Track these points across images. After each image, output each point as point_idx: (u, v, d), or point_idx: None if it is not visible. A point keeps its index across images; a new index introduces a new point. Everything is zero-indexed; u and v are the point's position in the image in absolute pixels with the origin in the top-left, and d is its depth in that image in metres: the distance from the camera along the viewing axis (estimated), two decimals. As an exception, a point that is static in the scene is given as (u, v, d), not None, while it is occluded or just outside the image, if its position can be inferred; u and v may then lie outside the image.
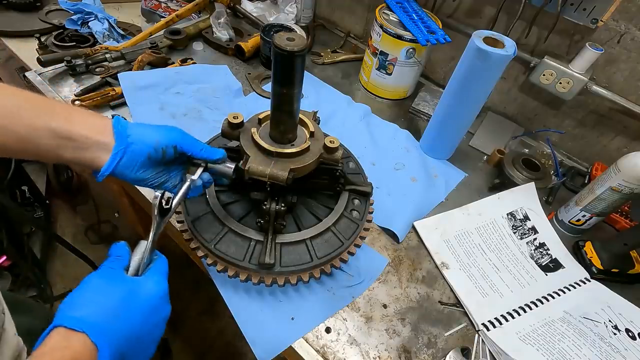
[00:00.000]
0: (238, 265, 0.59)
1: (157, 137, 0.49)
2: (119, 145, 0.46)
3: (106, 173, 0.46)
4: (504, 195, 0.84)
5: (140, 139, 0.48)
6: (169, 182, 0.53)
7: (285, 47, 0.46)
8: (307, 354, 0.59)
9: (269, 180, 0.55)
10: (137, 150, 0.48)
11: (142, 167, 0.49)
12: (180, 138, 0.51)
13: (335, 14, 1.35)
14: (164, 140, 0.49)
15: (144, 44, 1.04)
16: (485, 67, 0.73)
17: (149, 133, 0.49)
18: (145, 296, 0.41)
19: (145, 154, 0.48)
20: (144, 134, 0.48)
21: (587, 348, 0.64)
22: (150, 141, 0.48)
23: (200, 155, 0.53)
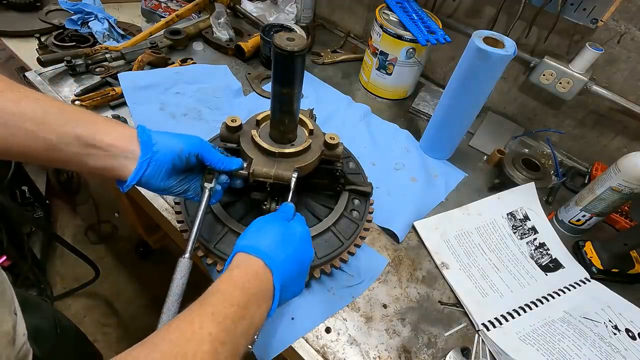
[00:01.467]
0: (238, 265, 0.59)
1: (180, 144, 0.50)
2: (145, 153, 0.47)
3: (133, 182, 0.47)
4: (504, 195, 0.84)
5: (165, 147, 0.49)
6: (190, 190, 0.55)
7: (285, 47, 0.46)
8: (307, 354, 0.59)
9: (274, 182, 0.56)
10: (162, 158, 0.49)
11: (166, 176, 0.51)
12: (201, 147, 0.52)
13: (335, 14, 1.35)
14: (187, 147, 0.51)
15: (144, 44, 1.04)
16: (485, 67, 0.73)
17: (172, 141, 0.50)
18: (299, 234, 0.49)
19: (170, 162, 0.50)
20: (168, 143, 0.50)
21: (587, 348, 0.64)
22: (174, 149, 0.50)
23: (219, 166, 0.54)
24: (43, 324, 0.74)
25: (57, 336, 0.75)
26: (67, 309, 1.52)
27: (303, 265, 0.49)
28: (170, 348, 0.32)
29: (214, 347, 0.34)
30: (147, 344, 0.32)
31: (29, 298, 0.79)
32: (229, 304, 0.38)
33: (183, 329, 0.34)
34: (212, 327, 0.35)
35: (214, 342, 0.34)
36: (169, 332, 0.34)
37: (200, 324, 0.35)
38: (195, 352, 0.32)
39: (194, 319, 0.35)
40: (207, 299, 0.38)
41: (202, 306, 0.37)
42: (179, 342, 0.33)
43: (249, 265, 0.43)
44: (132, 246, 1.73)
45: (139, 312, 1.57)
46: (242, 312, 0.38)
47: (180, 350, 0.32)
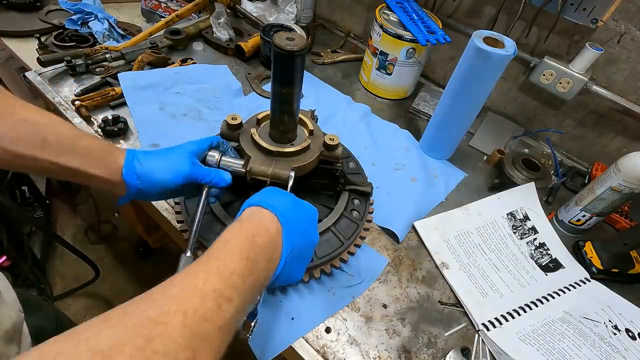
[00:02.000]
0: (238, 265, 0.59)
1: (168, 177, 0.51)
2: (130, 189, 0.50)
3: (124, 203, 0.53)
4: (504, 195, 0.84)
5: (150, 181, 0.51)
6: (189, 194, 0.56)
7: (285, 47, 0.46)
8: (307, 354, 0.59)
9: (270, 180, 0.56)
10: (149, 190, 0.51)
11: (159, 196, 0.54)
12: (189, 172, 0.52)
13: (335, 14, 1.35)
14: (174, 180, 0.51)
15: (144, 44, 1.04)
16: (485, 67, 0.73)
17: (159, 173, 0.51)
18: (307, 206, 0.50)
19: (156, 193, 0.52)
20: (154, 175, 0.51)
21: (587, 348, 0.64)
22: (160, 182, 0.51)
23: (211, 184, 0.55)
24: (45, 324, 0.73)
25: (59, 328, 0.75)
26: (67, 309, 1.52)
27: (308, 242, 0.48)
28: (169, 304, 0.30)
29: (218, 304, 0.32)
30: (146, 299, 0.30)
31: (30, 298, 0.79)
32: (238, 258, 0.36)
33: (185, 284, 0.32)
34: (217, 282, 0.33)
35: (218, 298, 0.32)
36: (171, 287, 0.32)
37: (204, 278, 0.33)
38: (196, 309, 0.30)
39: (199, 274, 0.33)
40: (214, 252, 0.36)
41: (208, 259, 0.35)
42: (180, 298, 0.31)
43: (260, 218, 0.42)
44: (132, 246, 1.73)
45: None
46: (251, 266, 0.36)
47: (180, 306, 0.30)
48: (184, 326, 0.29)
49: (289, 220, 0.43)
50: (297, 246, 0.44)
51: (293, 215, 0.45)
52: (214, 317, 0.31)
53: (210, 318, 0.31)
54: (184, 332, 0.29)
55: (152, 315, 0.29)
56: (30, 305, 0.65)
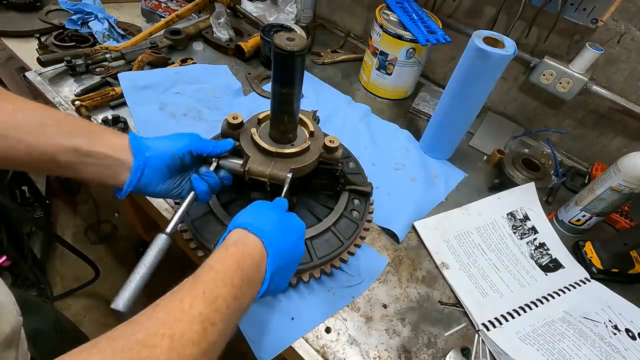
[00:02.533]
0: (238, 265, 0.59)
1: (173, 145, 0.51)
2: (138, 160, 0.47)
3: (129, 189, 0.48)
4: (504, 195, 0.84)
5: (158, 150, 0.49)
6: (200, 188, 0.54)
7: (285, 47, 0.46)
8: (307, 354, 0.59)
9: (269, 181, 0.56)
10: (156, 163, 0.49)
11: (162, 180, 0.51)
12: (193, 142, 0.52)
13: (335, 14, 1.35)
14: (179, 147, 0.51)
15: (144, 44, 1.04)
16: (485, 67, 0.73)
17: (164, 144, 0.50)
18: (294, 223, 0.49)
19: (165, 165, 0.50)
20: (160, 146, 0.50)
21: (587, 348, 0.64)
22: (167, 150, 0.50)
23: (215, 151, 0.54)
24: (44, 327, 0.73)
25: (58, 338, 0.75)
26: (67, 309, 1.52)
27: (293, 259, 0.48)
28: (156, 327, 0.30)
29: (204, 327, 0.32)
30: (132, 324, 0.31)
31: (29, 299, 0.78)
32: (223, 283, 0.36)
33: (172, 308, 0.33)
34: (202, 306, 0.33)
35: (203, 322, 0.32)
36: (156, 311, 0.32)
37: (190, 303, 0.33)
38: (183, 332, 0.31)
39: (184, 298, 0.34)
40: (200, 276, 0.37)
41: (194, 284, 0.36)
42: (167, 321, 0.31)
43: (246, 243, 0.42)
44: (132, 246, 1.73)
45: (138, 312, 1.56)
46: (236, 292, 0.37)
47: (167, 330, 0.30)
48: (171, 349, 0.30)
49: (273, 244, 0.43)
50: (282, 265, 0.45)
51: (279, 235, 0.44)
52: (200, 340, 0.32)
53: (196, 342, 0.31)
54: (171, 355, 0.29)
55: (139, 338, 0.29)
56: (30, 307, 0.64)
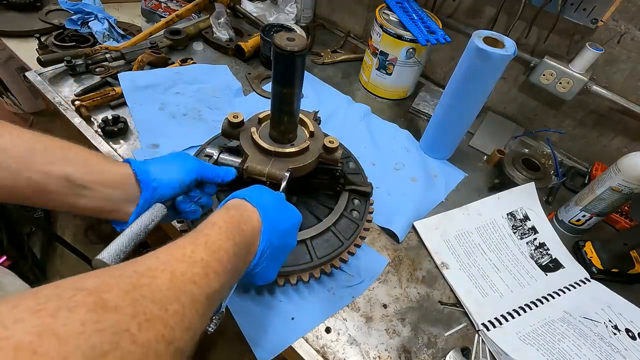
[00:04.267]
0: (238, 265, 0.59)
1: (181, 174, 0.49)
2: (146, 192, 0.45)
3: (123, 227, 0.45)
4: (504, 195, 0.84)
5: (165, 180, 0.47)
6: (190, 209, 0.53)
7: (286, 47, 0.46)
8: (307, 354, 0.59)
9: (267, 180, 0.56)
10: (164, 192, 0.47)
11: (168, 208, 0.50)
12: (201, 169, 0.51)
13: (335, 14, 1.35)
14: (188, 176, 0.50)
15: (144, 44, 1.04)
16: (485, 67, 0.73)
17: (171, 172, 0.48)
18: (292, 210, 0.49)
19: (173, 195, 0.49)
20: (166, 174, 0.48)
21: (587, 348, 0.64)
22: (175, 180, 0.48)
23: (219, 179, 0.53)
24: None
25: None
26: (67, 309, 1.52)
27: (285, 245, 0.47)
28: (157, 264, 0.29)
29: (206, 272, 0.31)
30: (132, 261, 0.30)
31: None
32: (225, 238, 0.36)
33: (173, 251, 0.32)
34: (205, 254, 0.32)
35: (205, 267, 0.31)
36: (157, 254, 0.31)
37: (192, 249, 0.32)
38: (184, 271, 0.30)
39: (186, 245, 0.33)
40: (202, 230, 0.36)
41: (196, 235, 0.35)
42: (168, 261, 0.30)
43: (244, 210, 0.42)
44: (132, 246, 1.73)
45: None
46: (236, 249, 0.36)
47: (168, 267, 0.29)
48: (171, 282, 0.28)
49: (269, 219, 0.43)
50: (274, 245, 0.44)
51: (275, 214, 0.45)
52: (202, 282, 0.30)
53: (198, 282, 0.30)
54: (172, 287, 0.28)
55: (139, 270, 0.28)
56: None
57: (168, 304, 0.27)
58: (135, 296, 0.25)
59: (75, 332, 0.21)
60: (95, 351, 0.21)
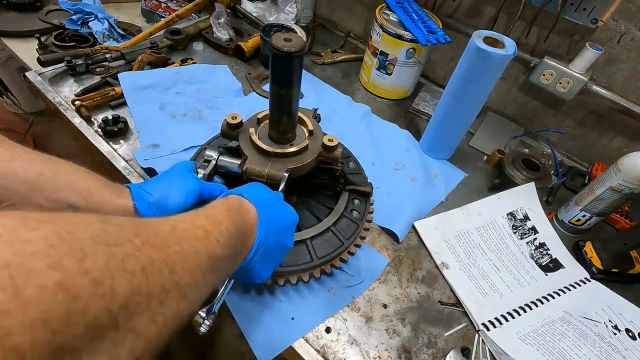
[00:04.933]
0: (238, 265, 0.59)
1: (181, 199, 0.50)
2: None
3: None
4: (504, 195, 0.84)
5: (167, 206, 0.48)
6: None
7: (283, 47, 0.45)
8: (307, 354, 0.59)
9: (266, 181, 0.56)
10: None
11: None
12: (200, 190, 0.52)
13: (335, 14, 1.35)
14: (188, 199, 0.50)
15: (144, 44, 1.04)
16: (485, 67, 0.73)
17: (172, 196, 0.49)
18: (288, 209, 0.49)
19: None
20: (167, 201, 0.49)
21: (587, 348, 0.64)
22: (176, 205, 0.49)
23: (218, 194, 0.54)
24: None
25: None
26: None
27: (281, 244, 0.47)
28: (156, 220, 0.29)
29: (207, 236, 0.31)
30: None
31: None
32: (225, 216, 0.36)
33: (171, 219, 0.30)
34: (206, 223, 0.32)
35: (207, 233, 0.31)
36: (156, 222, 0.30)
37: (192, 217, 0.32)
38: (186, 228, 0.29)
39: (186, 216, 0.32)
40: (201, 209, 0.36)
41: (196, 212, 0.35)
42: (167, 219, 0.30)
43: (241, 202, 0.42)
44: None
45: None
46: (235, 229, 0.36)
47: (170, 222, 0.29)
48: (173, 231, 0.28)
49: (266, 215, 0.43)
50: (269, 242, 0.44)
51: (271, 211, 0.45)
52: (204, 242, 0.30)
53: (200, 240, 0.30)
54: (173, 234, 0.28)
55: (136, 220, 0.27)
56: None
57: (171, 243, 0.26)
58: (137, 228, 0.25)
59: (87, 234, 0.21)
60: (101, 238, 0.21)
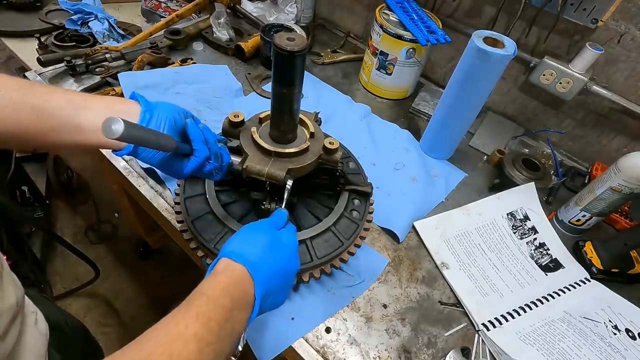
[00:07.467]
0: (238, 265, 0.59)
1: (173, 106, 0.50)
2: (146, 105, 0.47)
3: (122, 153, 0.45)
4: (504, 195, 0.84)
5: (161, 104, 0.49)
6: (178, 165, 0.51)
7: (286, 47, 0.46)
8: (307, 354, 0.59)
9: (266, 180, 0.56)
10: (162, 113, 0.48)
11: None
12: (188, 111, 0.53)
13: (335, 13, 1.35)
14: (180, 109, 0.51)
15: (144, 44, 1.04)
16: (485, 67, 0.73)
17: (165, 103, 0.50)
18: (286, 245, 0.48)
19: (171, 118, 0.48)
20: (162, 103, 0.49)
21: (587, 348, 0.64)
22: (171, 106, 0.49)
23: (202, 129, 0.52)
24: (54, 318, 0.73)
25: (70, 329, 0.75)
26: (67, 309, 1.51)
27: (287, 277, 0.49)
28: (157, 347, 0.33)
29: (199, 347, 0.34)
30: (136, 344, 0.34)
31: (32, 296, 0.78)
32: (214, 307, 0.38)
33: (169, 330, 0.35)
34: (197, 328, 0.35)
35: (199, 342, 0.35)
36: (155, 332, 0.35)
37: (185, 325, 0.35)
38: (180, 351, 0.33)
39: (180, 321, 0.36)
40: (193, 301, 0.38)
41: (187, 308, 0.38)
42: (165, 342, 0.34)
43: (233, 271, 0.42)
44: (132, 246, 1.73)
45: (139, 312, 1.57)
46: (227, 314, 0.39)
47: (166, 349, 0.33)
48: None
49: (259, 270, 0.43)
50: (274, 285, 0.46)
51: (266, 260, 0.45)
52: (196, 358, 0.34)
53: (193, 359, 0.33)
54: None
55: (143, 356, 0.32)
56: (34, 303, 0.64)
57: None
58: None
59: None
60: None
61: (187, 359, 0.33)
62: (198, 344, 0.34)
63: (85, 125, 0.44)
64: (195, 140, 0.49)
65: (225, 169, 0.55)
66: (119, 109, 0.47)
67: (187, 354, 0.33)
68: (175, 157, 0.49)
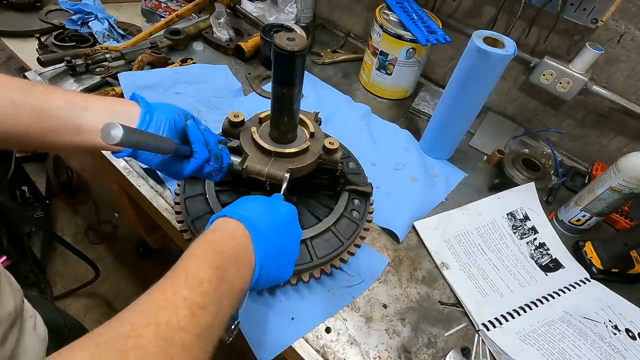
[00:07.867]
0: (238, 265, 0.59)
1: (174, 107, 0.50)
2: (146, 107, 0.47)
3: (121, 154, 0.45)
4: (504, 195, 0.84)
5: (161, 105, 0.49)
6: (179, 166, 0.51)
7: (286, 47, 0.46)
8: (307, 354, 0.59)
9: (266, 180, 0.56)
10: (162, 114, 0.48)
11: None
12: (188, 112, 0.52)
13: (335, 13, 1.35)
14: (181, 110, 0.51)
15: (144, 44, 1.04)
16: (485, 67, 0.73)
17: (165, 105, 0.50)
18: (282, 210, 0.48)
19: (171, 120, 0.48)
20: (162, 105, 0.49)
21: (587, 348, 0.64)
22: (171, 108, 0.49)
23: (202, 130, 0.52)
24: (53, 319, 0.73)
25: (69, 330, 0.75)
26: (67, 309, 1.52)
27: (288, 239, 0.47)
28: (140, 319, 0.29)
29: (192, 312, 0.31)
30: (117, 318, 0.30)
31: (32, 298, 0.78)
32: (205, 267, 0.35)
33: (154, 299, 0.32)
34: (187, 292, 0.32)
35: (191, 306, 0.31)
36: (139, 304, 0.31)
37: (173, 290, 0.32)
38: (169, 319, 0.30)
39: (166, 287, 0.33)
40: (180, 265, 0.36)
41: (175, 273, 0.35)
42: (150, 312, 0.30)
43: (225, 228, 0.41)
44: (132, 246, 1.73)
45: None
46: (221, 273, 0.36)
47: (151, 320, 0.29)
48: (158, 337, 0.28)
49: (257, 224, 0.42)
50: (275, 246, 0.43)
51: (263, 218, 0.44)
52: (189, 325, 0.30)
53: (185, 327, 0.30)
54: (159, 342, 0.28)
55: (124, 331, 0.28)
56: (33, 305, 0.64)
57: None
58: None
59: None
60: None
61: (177, 326, 0.30)
62: (190, 309, 0.31)
63: (85, 126, 0.44)
64: (195, 142, 0.49)
65: (225, 170, 0.55)
66: (119, 110, 0.46)
67: (177, 321, 0.30)
68: (175, 158, 0.49)
